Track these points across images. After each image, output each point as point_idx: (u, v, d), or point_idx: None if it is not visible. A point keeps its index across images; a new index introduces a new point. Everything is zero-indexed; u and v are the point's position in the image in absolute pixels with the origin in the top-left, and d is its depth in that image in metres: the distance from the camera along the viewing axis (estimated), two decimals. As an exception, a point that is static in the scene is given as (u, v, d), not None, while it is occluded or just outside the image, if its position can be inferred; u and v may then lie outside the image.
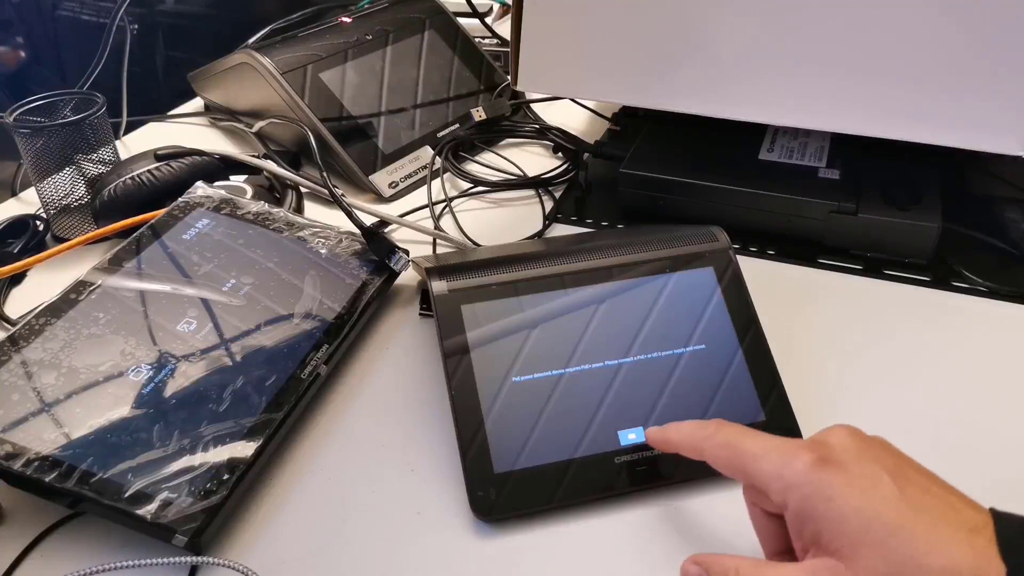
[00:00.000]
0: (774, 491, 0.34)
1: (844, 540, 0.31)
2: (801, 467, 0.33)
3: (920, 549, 0.30)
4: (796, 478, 0.33)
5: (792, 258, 0.62)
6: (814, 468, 0.32)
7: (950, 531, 0.30)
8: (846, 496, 0.31)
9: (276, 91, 0.73)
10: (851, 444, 0.33)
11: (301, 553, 0.41)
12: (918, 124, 0.56)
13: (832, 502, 0.32)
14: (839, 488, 0.32)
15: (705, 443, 0.37)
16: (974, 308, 0.56)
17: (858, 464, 0.32)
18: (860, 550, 0.30)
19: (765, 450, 0.35)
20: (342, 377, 0.52)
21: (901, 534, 0.30)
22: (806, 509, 0.32)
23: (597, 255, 0.50)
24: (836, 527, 0.31)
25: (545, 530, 0.42)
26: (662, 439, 0.40)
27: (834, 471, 0.32)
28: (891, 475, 0.32)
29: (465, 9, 0.95)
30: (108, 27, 0.83)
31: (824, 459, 0.33)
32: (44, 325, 0.47)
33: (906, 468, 0.33)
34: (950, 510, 0.31)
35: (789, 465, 0.33)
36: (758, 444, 0.35)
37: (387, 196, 0.72)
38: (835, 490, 0.32)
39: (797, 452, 0.33)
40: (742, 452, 0.35)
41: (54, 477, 0.40)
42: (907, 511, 0.31)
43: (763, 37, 0.58)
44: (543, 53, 0.66)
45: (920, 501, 0.31)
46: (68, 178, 0.66)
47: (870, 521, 0.31)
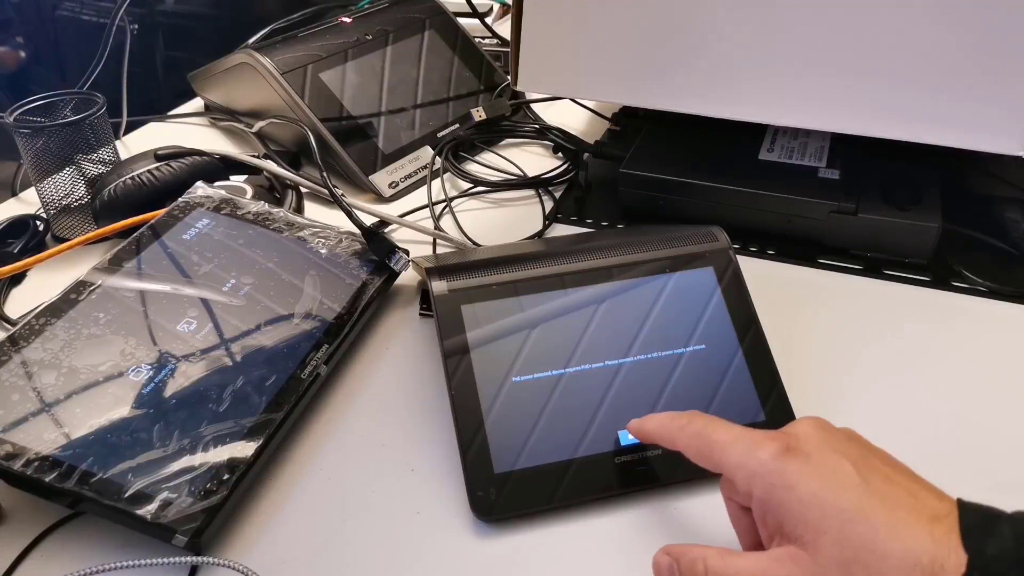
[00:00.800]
0: (739, 480, 0.34)
1: (805, 527, 0.31)
2: (765, 456, 0.33)
3: (879, 535, 0.30)
4: (760, 467, 0.33)
5: (792, 258, 0.62)
6: (777, 457, 0.33)
7: (910, 518, 0.30)
8: (807, 484, 0.32)
9: (276, 91, 0.73)
10: (816, 434, 0.34)
11: (301, 553, 0.41)
12: (918, 124, 0.56)
13: (793, 490, 0.32)
14: (801, 476, 0.32)
15: (678, 433, 0.38)
16: (974, 308, 0.56)
17: (821, 453, 0.33)
18: (820, 537, 0.31)
19: (732, 440, 0.35)
20: (342, 377, 0.52)
21: (860, 521, 0.30)
22: (769, 498, 0.33)
23: (597, 255, 0.50)
24: (797, 515, 0.32)
25: (545, 530, 0.42)
26: (640, 430, 0.41)
27: (797, 460, 0.33)
28: (854, 464, 0.32)
29: (465, 9, 0.95)
30: (108, 27, 0.83)
31: (788, 448, 0.33)
32: (44, 325, 0.47)
33: (870, 457, 0.33)
34: (911, 498, 0.31)
35: (753, 454, 0.34)
36: (727, 434, 0.36)
37: (387, 196, 0.72)
38: (797, 478, 0.32)
39: (762, 442, 0.34)
40: (711, 442, 0.36)
41: (54, 477, 0.40)
42: (867, 498, 0.31)
43: (763, 37, 0.58)
44: (543, 53, 0.66)
45: (881, 489, 0.31)
46: (68, 178, 0.66)
47: (830, 508, 0.31)
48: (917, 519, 0.30)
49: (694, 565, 0.34)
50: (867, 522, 0.30)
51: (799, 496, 0.32)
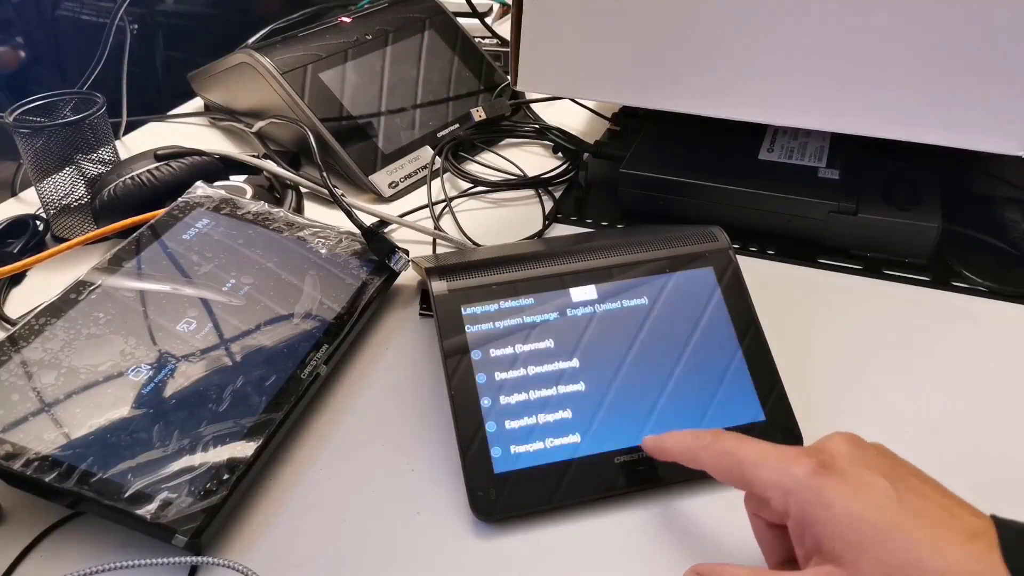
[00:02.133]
0: (775, 499, 0.34)
1: (843, 546, 0.31)
2: (800, 474, 0.33)
3: (918, 553, 0.30)
4: (795, 485, 0.33)
5: (792, 258, 0.62)
6: (813, 475, 0.33)
7: (949, 535, 0.30)
8: (845, 502, 0.32)
9: (276, 91, 0.73)
10: (849, 451, 0.33)
11: (301, 553, 0.41)
12: (918, 124, 0.56)
13: (831, 508, 0.32)
14: (838, 494, 0.32)
15: (702, 452, 0.37)
16: (974, 308, 0.56)
17: (856, 470, 0.32)
18: (860, 556, 0.31)
19: (764, 457, 0.35)
20: (342, 377, 0.52)
21: (899, 538, 0.30)
22: (806, 516, 0.32)
23: (597, 255, 0.50)
24: (835, 533, 0.31)
25: (545, 530, 0.42)
26: (658, 448, 0.40)
27: (833, 477, 0.32)
28: (889, 480, 0.32)
29: (465, 9, 0.95)
30: (108, 27, 0.83)
31: (823, 465, 0.33)
32: (44, 325, 0.47)
33: (904, 474, 0.33)
34: (948, 515, 0.31)
35: (788, 472, 0.33)
36: (757, 452, 0.35)
37: (387, 196, 0.72)
38: (834, 496, 0.32)
39: (796, 459, 0.34)
40: (741, 460, 0.35)
41: (54, 477, 0.40)
42: (904, 515, 0.31)
43: (763, 37, 0.58)
44: (543, 53, 0.66)
45: (918, 505, 0.31)
46: (68, 178, 0.66)
47: (868, 526, 0.31)
48: (956, 536, 0.30)
49: None
50: (906, 539, 0.30)
51: (836, 515, 0.32)
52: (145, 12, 1.15)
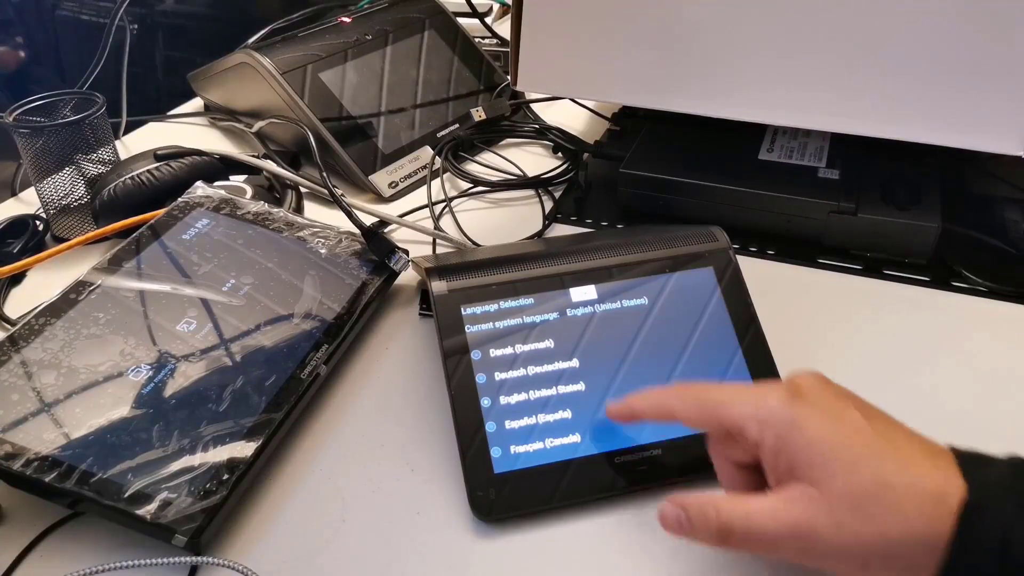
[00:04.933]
0: (750, 430, 0.35)
1: (816, 467, 0.33)
2: (775, 404, 0.35)
3: (887, 469, 0.32)
4: (770, 415, 0.35)
5: (792, 258, 0.62)
6: (786, 404, 0.34)
7: (914, 454, 0.33)
8: (817, 427, 0.33)
9: (276, 91, 0.73)
10: (817, 383, 0.36)
11: (301, 553, 0.41)
12: (918, 124, 0.56)
13: (804, 432, 0.33)
14: (811, 420, 0.34)
15: (673, 402, 0.39)
16: (974, 308, 0.56)
17: (827, 400, 0.35)
18: (831, 475, 0.32)
19: (736, 395, 0.37)
20: (342, 377, 0.52)
21: (869, 458, 0.32)
22: (781, 442, 0.34)
23: (597, 255, 0.50)
24: (808, 456, 0.33)
25: (545, 530, 0.42)
26: (626, 411, 0.41)
27: (806, 405, 0.34)
28: (858, 409, 0.34)
29: (465, 9, 0.95)
30: (108, 27, 0.83)
31: (796, 395, 0.35)
32: (44, 325, 0.47)
33: (869, 405, 0.35)
34: (911, 437, 0.34)
35: (763, 404, 0.35)
36: (727, 391, 0.37)
37: (387, 196, 0.72)
38: (807, 422, 0.34)
39: (769, 392, 0.36)
40: (714, 403, 0.37)
41: (54, 477, 0.40)
42: (873, 438, 0.33)
43: (763, 37, 0.58)
44: (543, 53, 0.66)
45: (884, 431, 0.34)
46: (68, 178, 0.66)
47: (840, 448, 0.33)
48: (919, 456, 0.33)
49: (704, 511, 0.35)
50: (876, 459, 0.32)
51: (810, 438, 0.33)
52: (145, 12, 1.15)
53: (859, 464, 0.32)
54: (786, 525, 0.33)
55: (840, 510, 0.32)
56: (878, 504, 0.32)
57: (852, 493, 0.32)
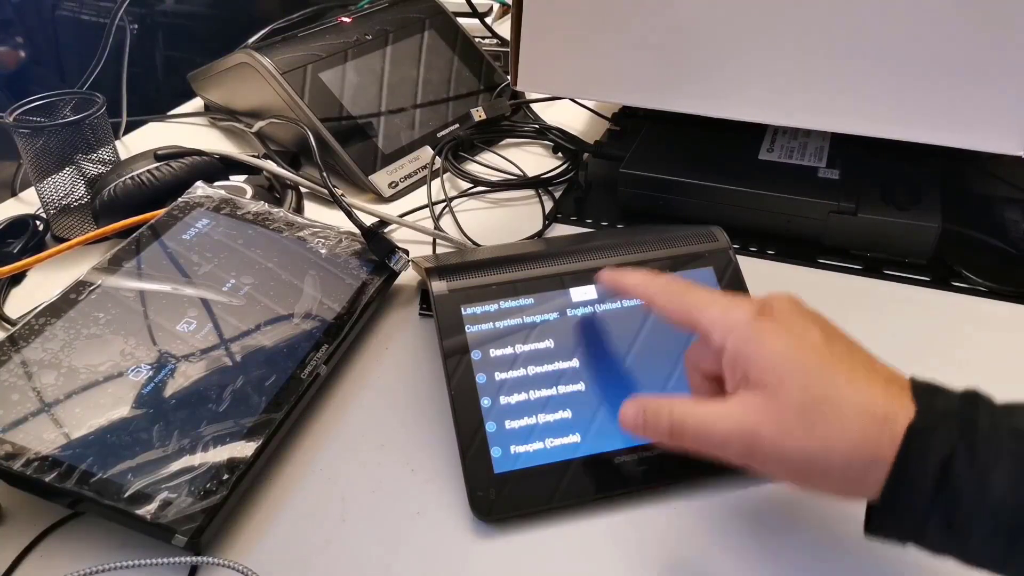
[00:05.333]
0: (715, 335, 0.37)
1: (770, 376, 0.34)
2: (741, 315, 0.36)
3: (838, 387, 0.33)
4: (735, 324, 0.36)
5: (792, 258, 0.62)
6: (752, 316, 0.36)
7: (868, 376, 0.34)
8: (777, 340, 0.35)
9: (276, 91, 0.73)
10: (790, 305, 0.37)
11: (301, 553, 0.41)
12: (918, 124, 0.56)
13: (764, 345, 0.35)
14: (772, 334, 0.35)
15: (658, 289, 0.40)
16: (974, 308, 0.56)
17: (793, 319, 0.36)
18: (783, 384, 0.34)
19: (711, 300, 0.38)
20: (342, 377, 0.52)
21: (822, 374, 0.34)
22: (740, 351, 0.36)
23: (597, 255, 0.50)
24: (765, 365, 0.34)
25: (545, 530, 0.42)
26: (616, 283, 0.43)
27: (770, 321, 0.36)
28: (821, 331, 0.35)
29: (465, 9, 0.95)
30: (108, 27, 0.83)
31: (763, 312, 0.36)
32: (44, 325, 0.47)
33: (836, 330, 0.36)
34: (869, 363, 0.35)
35: (730, 313, 0.37)
36: (705, 296, 0.39)
37: (387, 196, 0.72)
38: (768, 336, 0.35)
39: (740, 303, 0.37)
40: (690, 302, 0.39)
41: (54, 477, 0.40)
42: (830, 357, 0.34)
43: (763, 37, 0.58)
44: (543, 53, 0.66)
45: (842, 353, 0.35)
46: (68, 178, 0.66)
47: (795, 362, 0.34)
48: (874, 378, 0.34)
49: (659, 411, 0.37)
50: (828, 375, 0.33)
51: (767, 350, 0.35)
52: (145, 12, 1.15)
53: (810, 378, 0.33)
54: (734, 426, 0.34)
55: (786, 419, 0.33)
56: (823, 418, 0.33)
57: (800, 404, 0.33)
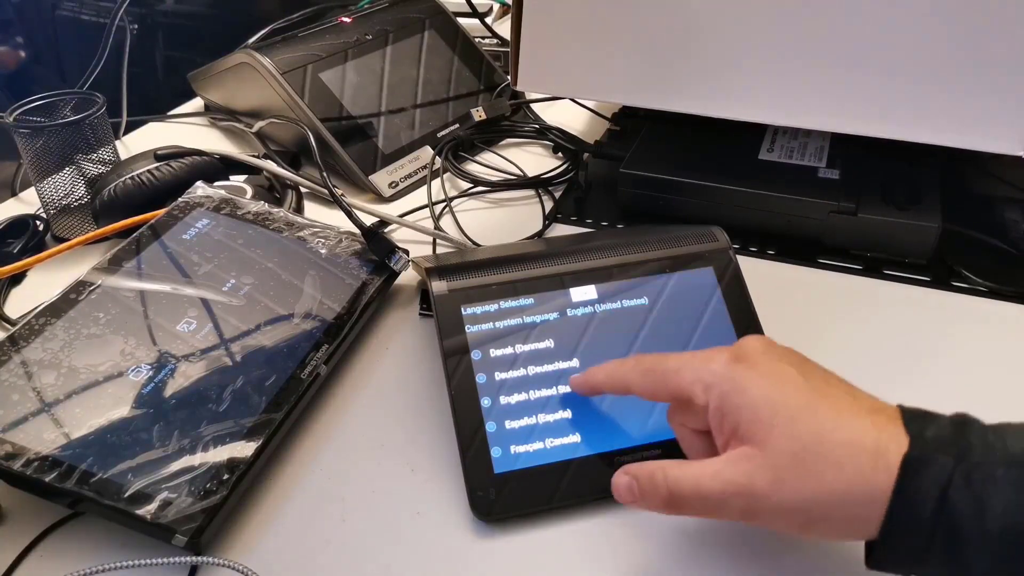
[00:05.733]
0: (697, 394, 0.36)
1: (757, 427, 0.34)
2: (717, 367, 0.36)
3: (825, 426, 0.33)
4: (714, 377, 0.36)
5: (792, 258, 0.62)
6: (728, 365, 0.36)
7: (853, 410, 0.34)
8: (757, 386, 0.35)
9: (276, 91, 0.73)
10: (760, 346, 0.37)
11: (301, 553, 0.41)
12: (918, 124, 0.56)
13: (746, 393, 0.35)
14: (751, 380, 0.35)
15: (629, 375, 0.40)
16: (974, 308, 0.56)
17: (768, 361, 0.36)
18: (771, 433, 0.33)
19: (685, 362, 0.38)
20: (342, 377, 0.52)
21: (807, 415, 0.33)
22: (724, 404, 0.35)
23: (597, 255, 0.50)
24: (750, 416, 0.34)
25: (545, 530, 0.42)
26: (587, 384, 0.43)
27: (746, 367, 0.36)
28: (798, 369, 0.35)
29: (465, 9, 0.95)
30: (108, 27, 0.83)
31: (737, 358, 0.36)
32: (44, 325, 0.47)
33: (811, 365, 0.37)
34: (851, 396, 0.35)
35: (707, 368, 0.37)
36: (677, 360, 0.38)
37: (387, 196, 0.72)
38: (748, 383, 0.35)
39: (713, 355, 0.37)
40: (665, 371, 0.38)
41: (54, 477, 0.40)
42: (811, 396, 0.34)
43: (763, 37, 0.58)
44: (543, 53, 0.66)
45: (823, 388, 0.35)
46: (68, 178, 0.66)
47: (779, 406, 0.34)
48: (859, 411, 0.33)
49: (653, 477, 0.36)
50: (813, 416, 0.33)
51: (751, 398, 0.34)
52: (145, 12, 1.15)
53: (796, 421, 0.33)
54: (730, 485, 0.34)
55: (780, 467, 0.33)
56: (816, 459, 0.32)
57: (791, 450, 0.33)
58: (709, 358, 0.37)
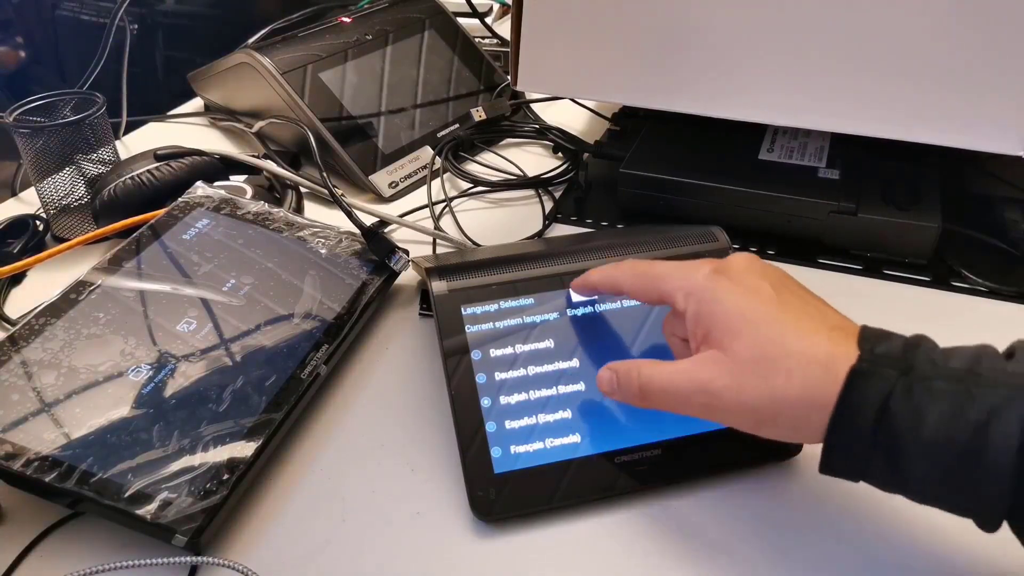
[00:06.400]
0: (678, 300, 0.39)
1: (726, 333, 0.37)
2: (699, 277, 0.39)
3: (785, 337, 0.36)
4: (694, 286, 0.39)
5: (792, 258, 0.62)
6: (709, 277, 0.39)
7: (813, 325, 0.36)
8: (731, 297, 0.38)
9: (276, 91, 0.73)
10: (745, 263, 0.39)
11: (301, 553, 0.41)
12: (918, 124, 0.56)
13: (719, 303, 0.38)
14: (727, 292, 0.38)
15: (621, 276, 0.43)
16: (974, 308, 0.56)
17: (747, 275, 0.38)
18: (737, 339, 0.36)
19: (672, 269, 0.41)
20: (342, 377, 0.52)
21: (771, 325, 0.36)
22: (700, 311, 0.38)
23: (597, 255, 0.50)
24: (721, 323, 0.37)
25: (545, 530, 0.42)
26: (584, 283, 0.46)
27: (725, 279, 0.38)
28: (772, 285, 0.38)
29: (465, 9, 0.95)
30: (108, 27, 0.83)
31: (718, 271, 0.39)
32: (44, 325, 0.47)
33: (790, 284, 0.39)
34: (818, 313, 0.37)
35: (690, 277, 0.39)
36: (666, 267, 0.41)
37: (387, 196, 0.72)
38: (723, 294, 0.38)
39: (698, 266, 0.40)
40: (654, 276, 0.41)
41: (54, 477, 0.40)
42: (778, 310, 0.37)
43: (763, 37, 0.58)
44: (543, 53, 0.66)
45: (792, 304, 0.37)
46: (68, 178, 0.66)
47: (748, 316, 0.37)
48: (819, 327, 0.36)
49: (629, 373, 0.40)
50: (777, 327, 0.36)
51: (724, 308, 0.37)
52: (145, 12, 1.15)
53: (760, 331, 0.36)
54: (694, 383, 0.37)
55: (739, 371, 0.36)
56: (772, 367, 0.35)
57: (751, 357, 0.36)
58: (695, 268, 0.40)
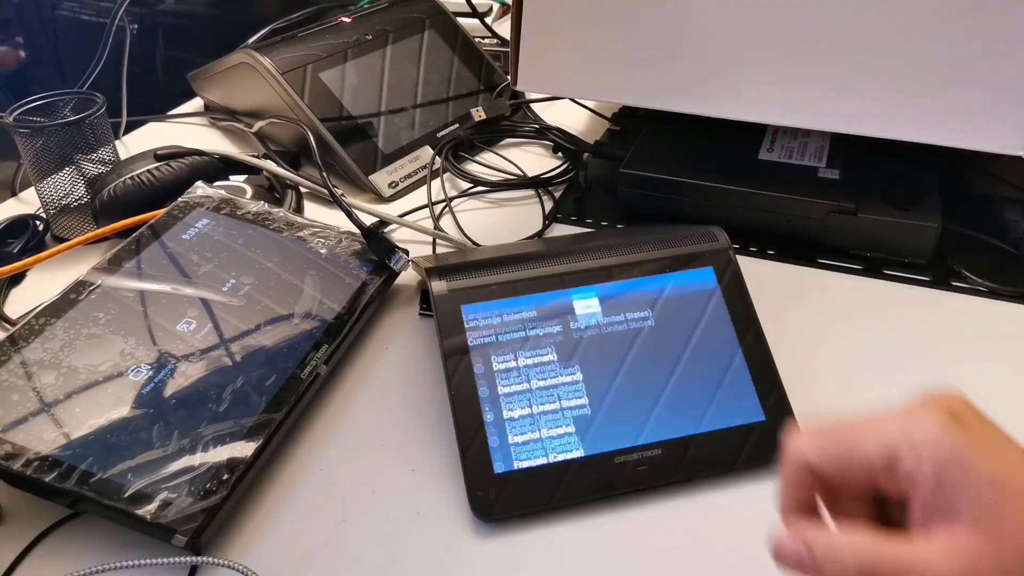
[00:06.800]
0: (905, 457, 0.28)
1: (985, 511, 0.28)
2: (932, 426, 0.28)
3: None
4: (928, 440, 0.28)
5: (792, 258, 0.62)
6: (947, 428, 0.28)
7: None
8: (986, 462, 0.28)
9: (276, 91, 0.73)
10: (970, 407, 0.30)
11: (301, 553, 0.41)
12: (918, 124, 0.56)
13: (974, 467, 0.28)
14: (977, 452, 0.28)
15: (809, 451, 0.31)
16: (974, 308, 0.56)
17: (985, 427, 0.29)
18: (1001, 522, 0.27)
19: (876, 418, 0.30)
20: (342, 377, 0.52)
21: None
22: (943, 475, 0.28)
23: (597, 255, 0.50)
24: (977, 496, 0.28)
25: (545, 530, 0.42)
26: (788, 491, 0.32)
27: (968, 432, 0.28)
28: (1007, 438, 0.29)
29: (465, 9, 0.95)
30: (108, 27, 0.83)
31: (954, 418, 0.29)
32: (44, 325, 0.47)
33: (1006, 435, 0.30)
34: None
35: (918, 425, 0.29)
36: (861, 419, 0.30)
37: (387, 196, 0.72)
38: (975, 454, 0.28)
39: (920, 411, 0.29)
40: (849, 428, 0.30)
41: (54, 477, 0.40)
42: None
43: (763, 38, 0.58)
44: (543, 53, 0.65)
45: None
46: (68, 178, 0.66)
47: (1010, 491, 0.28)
48: None
49: (838, 551, 0.29)
50: None
51: (977, 478, 0.28)
52: (145, 12, 1.15)
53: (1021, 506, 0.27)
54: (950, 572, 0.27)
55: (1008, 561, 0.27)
56: None
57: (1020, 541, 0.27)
58: (914, 414, 0.29)
